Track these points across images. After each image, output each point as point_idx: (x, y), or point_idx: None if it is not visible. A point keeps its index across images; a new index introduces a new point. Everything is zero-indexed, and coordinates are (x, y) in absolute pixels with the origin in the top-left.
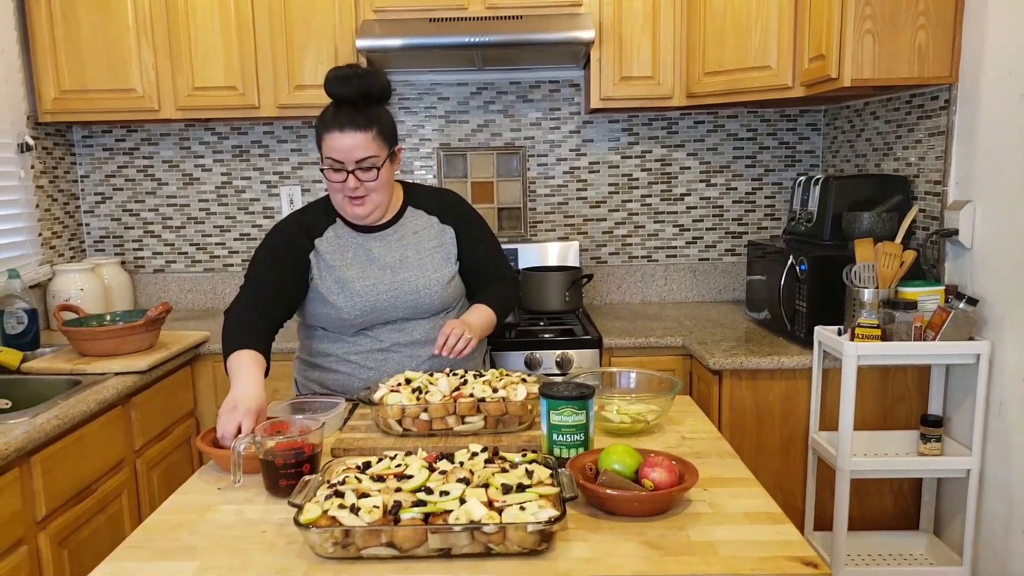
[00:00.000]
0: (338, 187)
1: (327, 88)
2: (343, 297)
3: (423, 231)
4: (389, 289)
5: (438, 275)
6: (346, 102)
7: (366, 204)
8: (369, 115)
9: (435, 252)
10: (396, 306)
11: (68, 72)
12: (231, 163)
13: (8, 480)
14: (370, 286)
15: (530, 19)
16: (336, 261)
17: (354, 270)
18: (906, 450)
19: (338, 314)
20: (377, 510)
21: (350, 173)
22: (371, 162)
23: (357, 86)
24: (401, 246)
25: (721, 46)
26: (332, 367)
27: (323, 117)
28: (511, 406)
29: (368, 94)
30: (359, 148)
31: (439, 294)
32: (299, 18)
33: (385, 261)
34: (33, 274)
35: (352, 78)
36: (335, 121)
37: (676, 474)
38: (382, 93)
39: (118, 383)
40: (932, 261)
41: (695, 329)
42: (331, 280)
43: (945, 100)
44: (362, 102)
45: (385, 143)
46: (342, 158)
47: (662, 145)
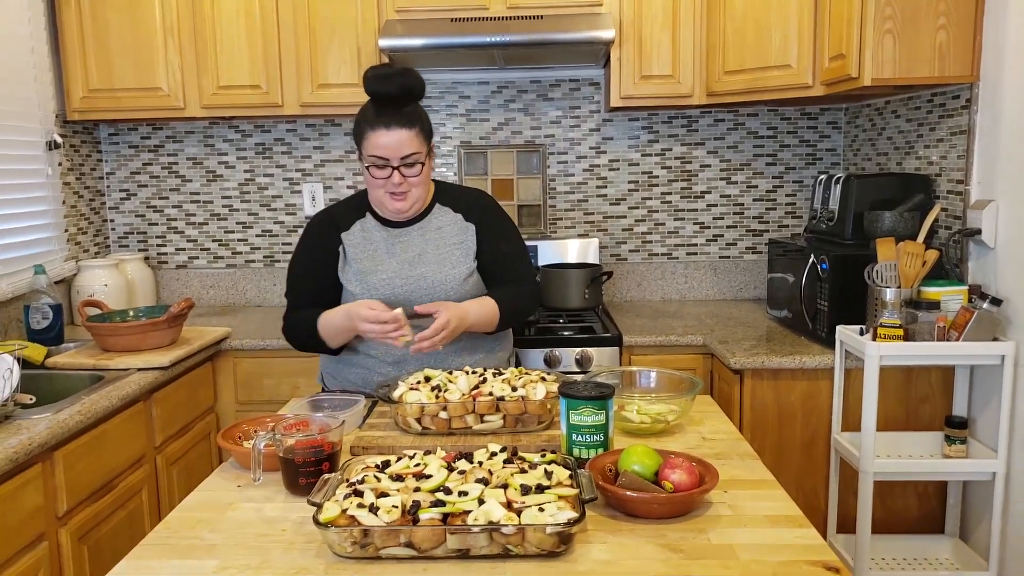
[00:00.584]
0: (381, 183)
1: (368, 87)
2: (361, 288)
3: (446, 228)
4: (405, 283)
5: (455, 271)
6: (387, 100)
7: (407, 199)
8: (411, 112)
9: (455, 249)
10: (412, 300)
11: (96, 71)
12: (254, 160)
13: (31, 475)
14: (386, 279)
15: (551, 19)
16: (358, 254)
17: (373, 263)
18: (930, 452)
19: None
20: (396, 510)
21: (395, 169)
22: (414, 158)
23: (399, 84)
24: (422, 241)
25: (741, 45)
26: (352, 361)
27: (365, 116)
28: (530, 405)
29: (409, 92)
30: (404, 145)
31: (455, 290)
32: (322, 18)
33: (404, 256)
34: (58, 270)
35: (393, 76)
36: (379, 119)
37: (696, 476)
38: (421, 91)
39: (140, 379)
40: (955, 260)
41: (716, 327)
42: (351, 272)
43: (967, 99)
44: (402, 100)
45: (425, 139)
46: (387, 155)
47: (682, 143)
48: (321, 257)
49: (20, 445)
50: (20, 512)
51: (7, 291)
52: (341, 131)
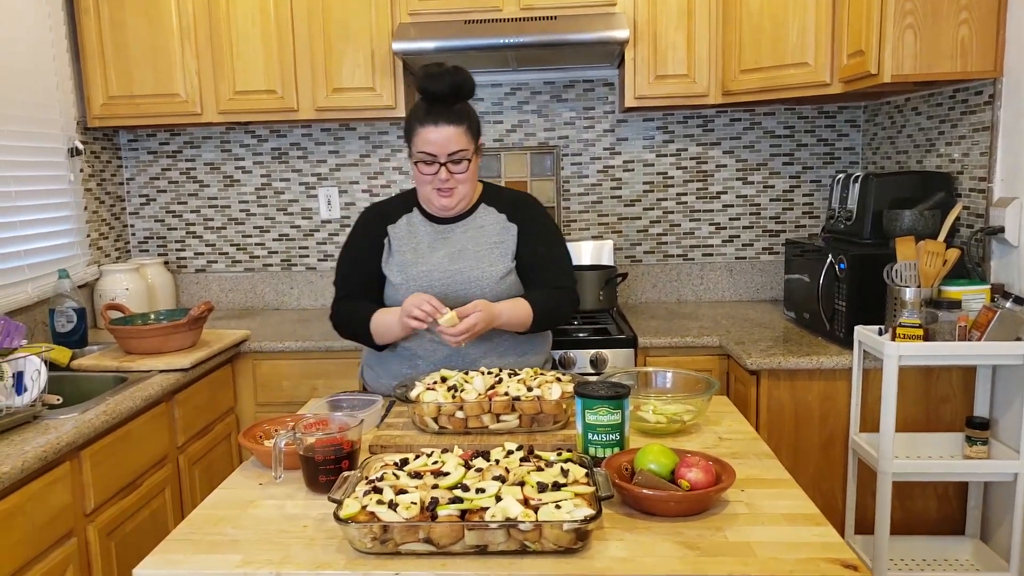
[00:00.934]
0: (428, 179)
1: (420, 85)
2: (401, 278)
3: (489, 227)
4: (443, 277)
5: (493, 269)
6: (438, 98)
7: (454, 195)
8: (460, 110)
9: (495, 247)
10: (448, 295)
11: (115, 78)
12: (270, 165)
13: (59, 474)
14: (425, 271)
15: (564, 19)
16: (402, 246)
17: (415, 255)
18: (951, 453)
19: (395, 295)
20: (415, 506)
21: (442, 166)
22: (462, 155)
23: (449, 82)
24: (464, 238)
25: (757, 43)
26: (392, 357)
27: (415, 113)
28: (546, 405)
29: (459, 90)
30: (452, 142)
31: (491, 287)
32: (337, 22)
33: (445, 251)
34: (81, 274)
35: (444, 75)
36: (429, 116)
37: (713, 474)
38: (471, 89)
39: (162, 380)
40: (977, 259)
41: (732, 328)
42: (394, 263)
43: (989, 95)
44: (453, 98)
45: (473, 137)
46: (435, 151)
47: (698, 143)
48: (368, 248)
49: (49, 444)
50: (50, 509)
51: (33, 295)
52: (356, 135)
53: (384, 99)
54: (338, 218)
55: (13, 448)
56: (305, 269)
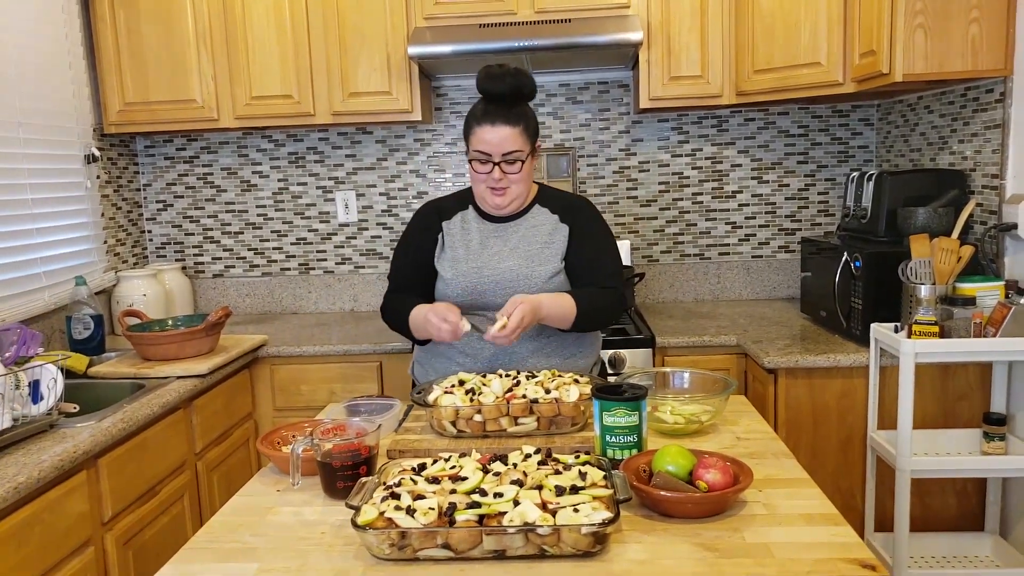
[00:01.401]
0: (483, 178)
1: (480, 85)
2: (451, 272)
3: (541, 227)
4: (492, 274)
5: (542, 268)
6: (497, 99)
7: (507, 195)
8: (518, 112)
9: (544, 247)
10: (496, 291)
11: (132, 85)
12: (287, 169)
13: (76, 482)
14: (476, 268)
15: (578, 22)
16: (455, 242)
17: (467, 251)
18: (969, 449)
19: (445, 289)
20: (432, 512)
21: (496, 165)
22: (516, 156)
23: (510, 84)
24: (516, 237)
25: (770, 44)
26: (437, 351)
27: (474, 112)
28: (564, 407)
29: (519, 91)
30: (507, 142)
31: (539, 287)
32: (352, 27)
33: (496, 248)
34: (99, 280)
35: (504, 76)
36: (486, 116)
37: (731, 475)
38: (531, 91)
39: (180, 387)
40: (991, 256)
41: (749, 327)
42: (446, 257)
43: (1001, 93)
44: (511, 99)
45: (529, 139)
46: (490, 151)
47: (712, 143)
48: (422, 243)
49: (66, 453)
50: (67, 518)
51: (50, 302)
52: (372, 139)
53: (400, 103)
54: (355, 221)
55: (30, 457)
56: (323, 273)
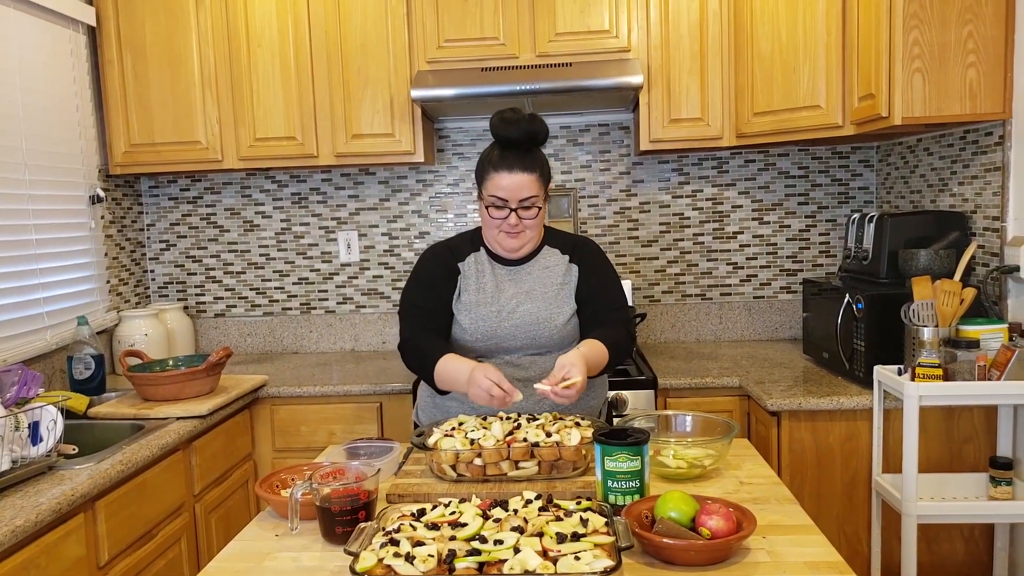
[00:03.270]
0: (498, 223)
1: (495, 131)
2: (469, 318)
3: (553, 268)
4: (510, 319)
5: (560, 311)
6: (512, 144)
7: (521, 238)
8: (533, 157)
9: (560, 289)
10: (515, 335)
11: (138, 126)
12: (290, 210)
13: (73, 525)
14: (493, 312)
15: (579, 66)
16: (470, 285)
17: (483, 295)
18: (976, 494)
19: (462, 334)
20: (432, 559)
21: (513, 211)
22: (532, 201)
23: (525, 130)
24: (530, 280)
25: (769, 87)
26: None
27: (489, 158)
28: (565, 451)
29: (534, 137)
30: (524, 188)
31: (558, 330)
32: (356, 70)
33: (511, 292)
34: (100, 320)
35: (520, 122)
36: (503, 162)
37: (734, 522)
38: (545, 136)
39: (179, 428)
40: (994, 298)
41: (752, 368)
42: (463, 302)
43: (1000, 136)
44: (526, 145)
45: (543, 184)
46: (507, 196)
47: (713, 184)
48: (440, 282)
49: (63, 496)
50: (63, 562)
51: (52, 342)
52: (375, 179)
53: (403, 144)
54: (357, 261)
55: (27, 500)
56: (324, 312)
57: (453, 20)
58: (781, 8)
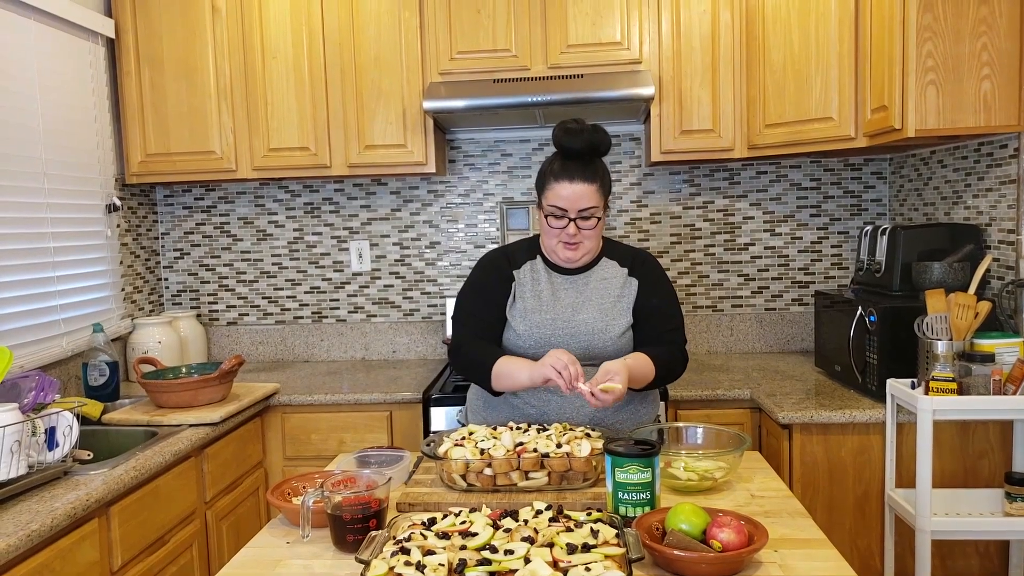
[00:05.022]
0: (557, 232)
1: (557, 141)
2: (524, 325)
3: (611, 280)
4: (566, 327)
5: (616, 323)
6: (573, 155)
7: (579, 249)
8: (595, 168)
9: (617, 301)
10: (570, 344)
11: (154, 136)
12: (303, 219)
13: (88, 530)
14: (549, 319)
15: (591, 77)
16: (525, 292)
17: (538, 302)
18: (991, 509)
19: (516, 340)
20: (442, 568)
21: (572, 221)
22: (591, 212)
23: (587, 140)
24: (587, 290)
25: (781, 98)
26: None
27: (551, 167)
28: (575, 462)
29: (596, 148)
30: (584, 198)
31: (613, 341)
32: (369, 82)
33: (568, 301)
34: (115, 327)
35: (582, 132)
36: (564, 172)
37: (745, 535)
38: (607, 148)
39: (192, 434)
40: (1009, 312)
41: (763, 381)
42: (518, 308)
43: (1015, 149)
44: (588, 155)
45: (604, 195)
46: (567, 206)
47: (724, 196)
48: (494, 289)
49: (79, 501)
50: (77, 567)
51: (67, 349)
52: (387, 190)
53: (415, 155)
54: (369, 270)
55: (43, 505)
56: (335, 321)
57: (465, 32)
58: (793, 19)
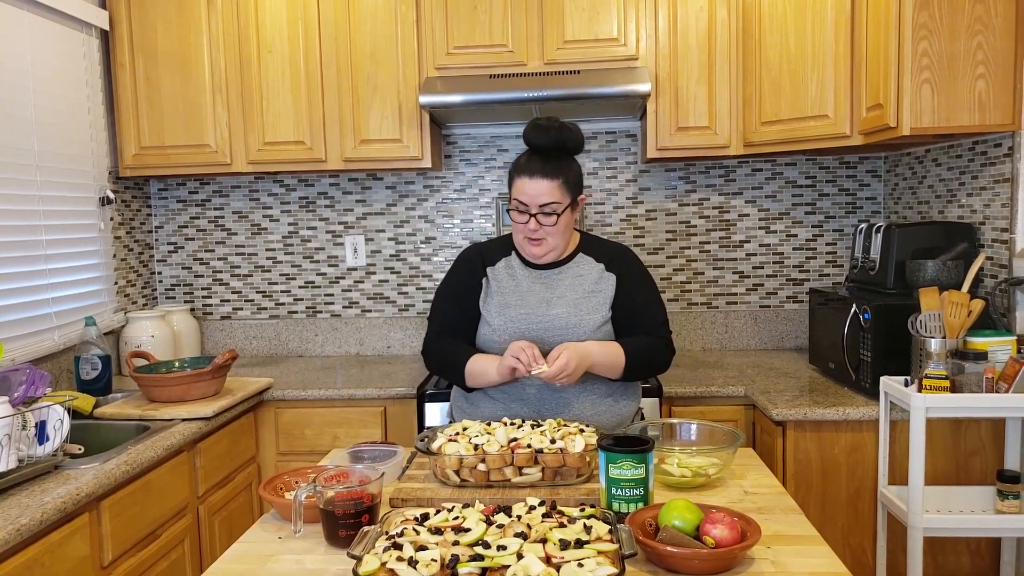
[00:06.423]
0: (520, 227)
1: (526, 137)
2: (500, 319)
3: (586, 275)
4: (542, 320)
5: (591, 317)
6: (541, 151)
7: (542, 245)
8: (559, 165)
9: (592, 295)
10: (544, 339)
11: (148, 129)
12: (298, 214)
13: (78, 525)
14: (524, 314)
15: (587, 74)
16: (502, 287)
17: (514, 297)
18: (982, 507)
19: (491, 335)
20: (435, 563)
21: (532, 216)
22: (552, 208)
23: (554, 137)
24: (563, 285)
25: (777, 96)
26: (483, 396)
27: (517, 162)
28: (569, 458)
29: (562, 145)
30: (544, 194)
31: (587, 335)
32: (365, 76)
33: (544, 296)
34: (108, 321)
35: (549, 130)
36: (527, 167)
37: (738, 531)
38: (576, 146)
39: (184, 429)
40: (1002, 310)
41: (757, 378)
42: (493, 303)
43: (1009, 147)
44: (555, 152)
45: (569, 192)
46: (528, 201)
47: (720, 193)
48: (467, 286)
49: (68, 495)
50: (67, 561)
51: (59, 342)
52: (383, 185)
53: (411, 150)
54: (363, 266)
55: (33, 499)
56: (330, 316)
57: (462, 27)
58: (790, 17)
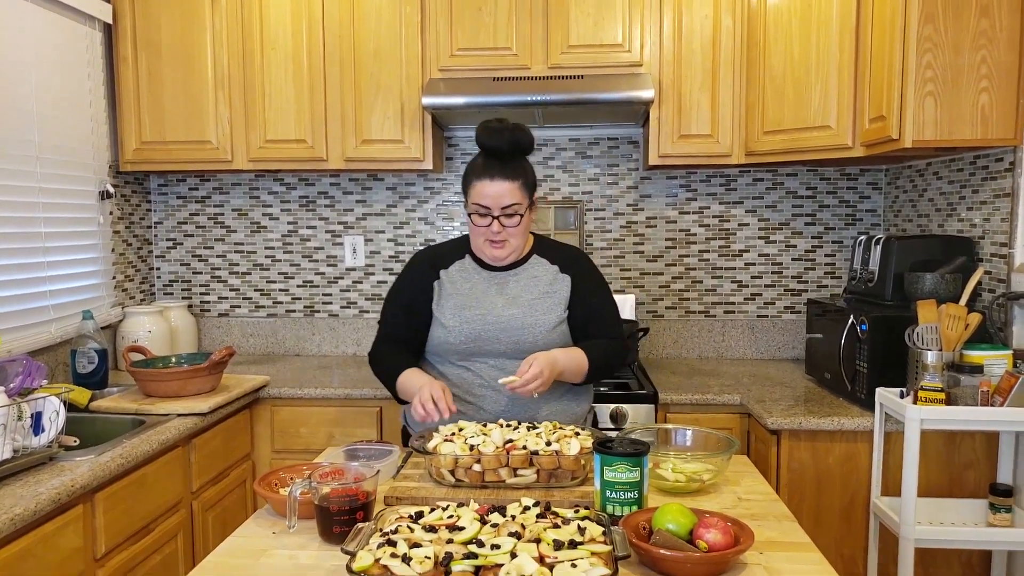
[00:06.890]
0: (482, 231)
1: (479, 140)
2: (455, 320)
3: (541, 276)
4: (496, 321)
5: (545, 317)
6: (496, 153)
7: (505, 247)
8: (517, 166)
9: (547, 297)
10: (500, 339)
11: (149, 125)
12: (297, 212)
13: (72, 516)
14: (479, 315)
15: (591, 79)
16: (455, 289)
17: (469, 299)
18: (974, 520)
19: (446, 336)
20: (428, 561)
21: (495, 219)
22: (515, 209)
23: (508, 139)
24: (518, 287)
25: (780, 105)
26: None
27: (473, 166)
28: (564, 460)
29: (518, 146)
30: (506, 196)
31: (543, 335)
32: (368, 76)
33: (499, 297)
34: (105, 315)
35: (503, 131)
36: (485, 171)
37: (731, 536)
38: (529, 146)
39: (180, 424)
40: (999, 324)
41: (753, 387)
42: (447, 305)
43: (1010, 162)
44: (510, 154)
45: (528, 192)
46: (490, 204)
47: (720, 201)
48: (417, 291)
49: (63, 486)
50: (60, 553)
51: (56, 335)
52: (383, 185)
53: (412, 151)
54: (362, 266)
55: (27, 490)
56: (328, 316)
57: (466, 29)
58: (795, 27)
